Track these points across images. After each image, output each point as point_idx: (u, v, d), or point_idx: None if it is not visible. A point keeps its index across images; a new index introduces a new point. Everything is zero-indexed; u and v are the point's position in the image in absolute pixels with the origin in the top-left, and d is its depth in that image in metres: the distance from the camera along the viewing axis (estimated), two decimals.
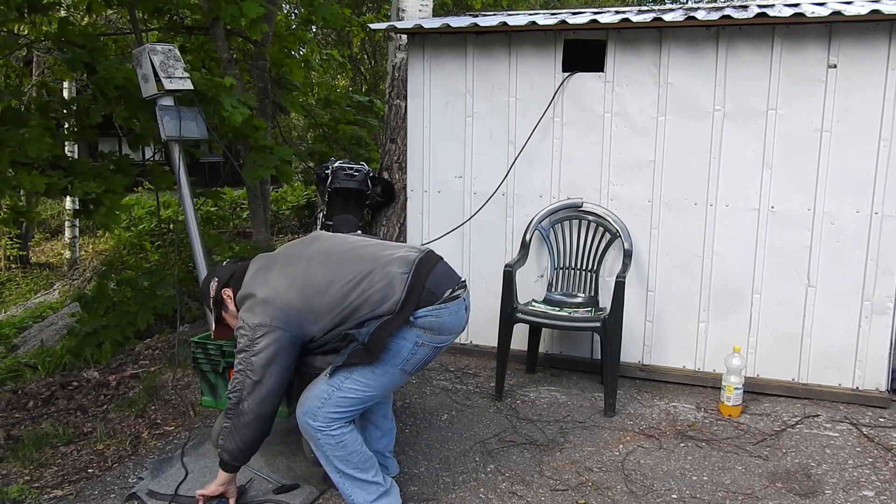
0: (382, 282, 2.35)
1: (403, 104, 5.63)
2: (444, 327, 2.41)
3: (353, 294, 2.36)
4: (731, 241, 3.78)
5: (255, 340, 2.34)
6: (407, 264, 2.40)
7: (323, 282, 2.38)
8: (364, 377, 2.37)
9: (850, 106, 3.51)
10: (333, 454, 2.42)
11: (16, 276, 11.29)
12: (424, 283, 2.37)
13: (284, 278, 2.42)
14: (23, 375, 4.84)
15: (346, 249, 2.50)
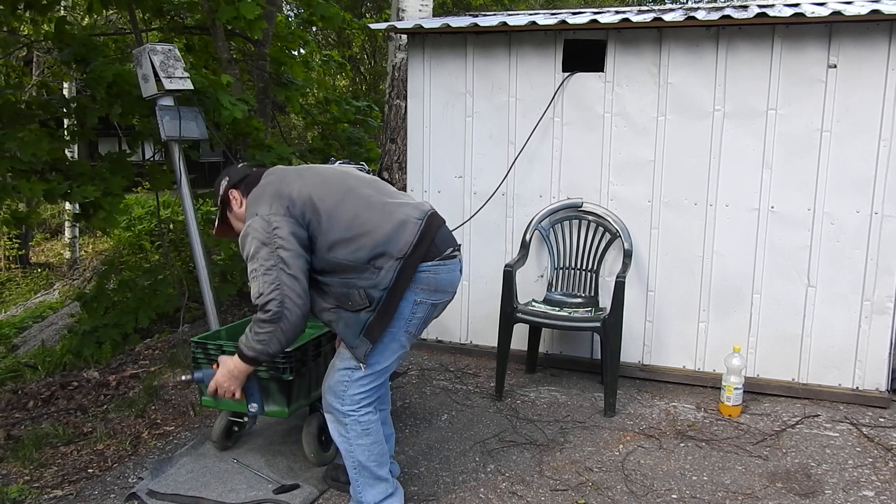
0: (398, 217, 2.32)
1: (403, 104, 5.64)
2: (441, 285, 2.39)
3: (367, 214, 2.31)
4: (731, 241, 3.78)
5: (273, 232, 2.23)
6: (422, 213, 2.38)
7: (339, 191, 2.35)
8: (376, 351, 2.36)
9: (850, 106, 3.51)
10: (358, 443, 2.40)
11: (16, 276, 11.29)
12: (434, 235, 2.36)
13: (300, 180, 2.37)
14: (23, 375, 4.84)
15: (364, 178, 2.49)
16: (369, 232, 2.29)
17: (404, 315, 2.35)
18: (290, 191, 2.32)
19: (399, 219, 2.33)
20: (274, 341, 2.24)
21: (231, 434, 3.11)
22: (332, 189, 2.36)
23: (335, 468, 2.83)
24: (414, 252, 2.30)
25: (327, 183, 2.38)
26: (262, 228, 2.24)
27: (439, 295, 2.42)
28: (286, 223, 2.25)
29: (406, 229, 2.31)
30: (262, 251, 2.22)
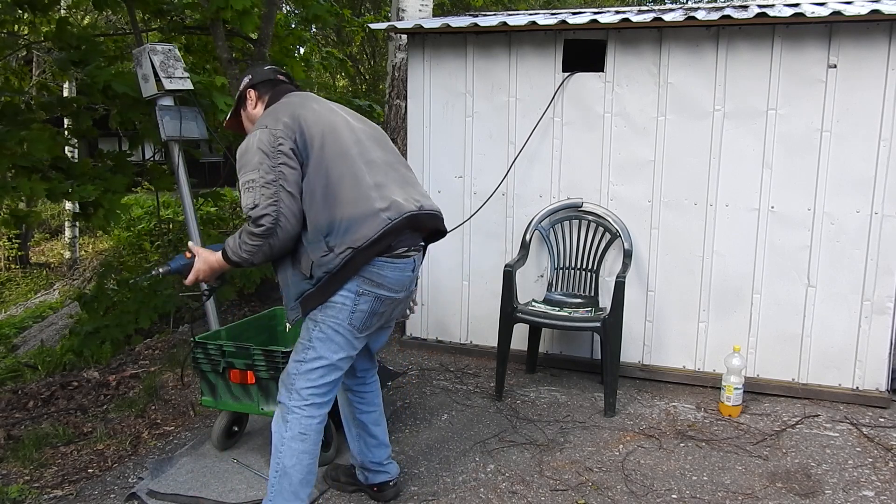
0: (373, 206, 2.26)
1: (403, 104, 5.63)
2: (385, 281, 2.31)
3: (349, 184, 2.26)
4: (731, 241, 3.78)
5: (278, 147, 2.22)
6: (399, 213, 2.30)
7: (343, 147, 2.31)
8: (321, 342, 2.30)
9: (850, 106, 3.51)
10: (291, 444, 2.31)
11: (16, 276, 11.29)
12: (395, 238, 2.29)
13: (317, 114, 2.34)
14: (23, 375, 4.84)
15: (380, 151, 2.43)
16: (338, 204, 2.24)
17: (347, 305, 2.29)
18: (303, 119, 2.29)
19: (372, 208, 2.26)
20: (260, 254, 2.25)
21: (231, 434, 3.11)
22: (340, 142, 2.32)
23: (335, 468, 2.84)
24: (369, 247, 2.24)
25: (339, 132, 2.34)
26: (267, 141, 2.23)
27: (384, 291, 2.33)
28: (290, 143, 2.24)
29: (371, 223, 2.25)
30: (265, 163, 2.20)
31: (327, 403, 2.38)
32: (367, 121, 2.56)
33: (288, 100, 2.43)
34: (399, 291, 2.39)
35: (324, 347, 2.32)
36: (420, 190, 2.49)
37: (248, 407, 2.85)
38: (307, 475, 2.35)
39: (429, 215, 2.43)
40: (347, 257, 2.23)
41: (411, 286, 2.46)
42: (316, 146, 2.27)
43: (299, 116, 2.30)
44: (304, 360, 2.34)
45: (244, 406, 2.85)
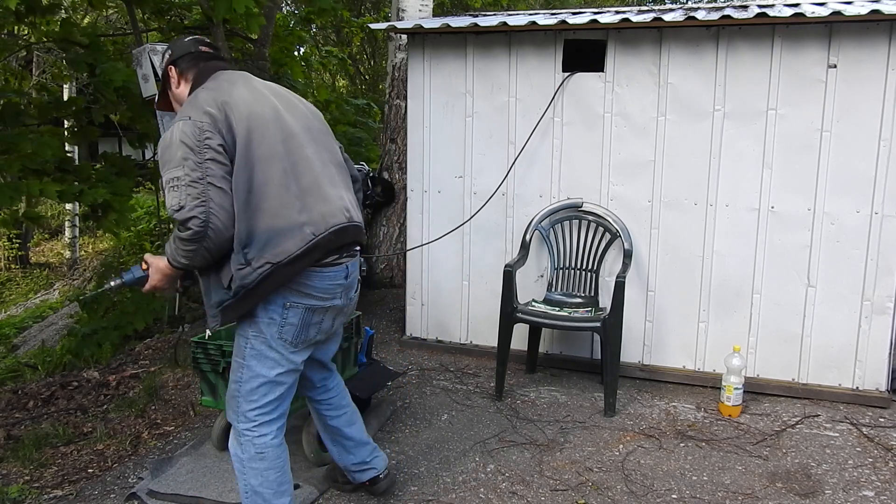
0: (297, 219, 2.12)
1: (403, 104, 5.63)
2: (313, 291, 2.19)
3: (274, 191, 2.10)
4: (731, 241, 3.78)
5: (205, 141, 2.03)
6: (325, 227, 2.17)
7: (273, 145, 2.14)
8: (254, 359, 2.19)
9: (850, 106, 3.50)
10: (251, 465, 2.22)
11: (16, 276, 11.29)
12: (321, 252, 2.17)
13: (247, 104, 2.15)
14: (23, 375, 4.84)
15: (316, 151, 2.27)
16: (260, 213, 2.09)
17: (275, 320, 2.16)
18: (230, 109, 2.11)
19: (295, 221, 2.12)
20: (198, 258, 2.09)
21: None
22: (267, 139, 2.14)
23: (333, 469, 2.83)
24: (290, 264, 2.10)
25: (267, 126, 2.16)
26: (192, 134, 2.04)
27: (314, 301, 2.20)
28: (218, 138, 2.07)
29: (293, 237, 2.11)
30: (191, 159, 2.01)
31: (279, 418, 2.27)
32: (301, 106, 2.37)
33: (215, 83, 2.21)
34: (332, 299, 2.26)
35: (259, 365, 2.20)
36: (350, 195, 2.36)
37: None
38: (279, 486, 2.27)
39: (356, 227, 2.31)
40: (266, 273, 2.09)
41: (350, 293, 2.35)
42: (241, 144, 2.09)
43: (226, 106, 2.11)
44: (241, 381, 2.21)
45: None
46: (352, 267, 2.33)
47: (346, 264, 2.29)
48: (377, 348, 4.47)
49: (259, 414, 2.22)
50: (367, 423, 3.31)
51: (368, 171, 5.61)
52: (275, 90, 2.35)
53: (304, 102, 2.43)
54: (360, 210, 2.41)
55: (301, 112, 2.35)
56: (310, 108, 2.43)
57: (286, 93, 2.40)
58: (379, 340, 4.65)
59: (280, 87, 2.43)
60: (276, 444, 2.25)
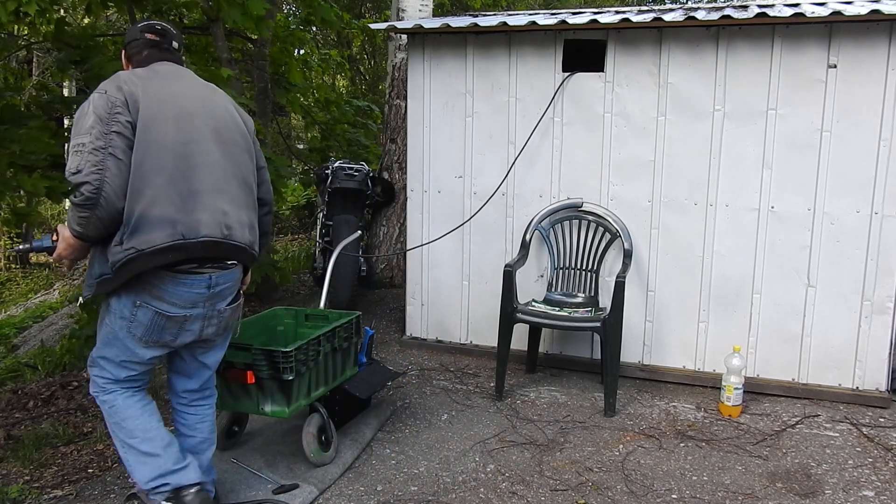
0: (171, 215, 2.17)
1: (403, 104, 5.64)
2: (166, 296, 2.21)
3: (159, 183, 2.16)
4: (731, 241, 3.78)
5: (114, 115, 2.13)
6: (194, 235, 2.20)
7: (174, 140, 2.21)
8: (106, 337, 2.29)
9: (850, 106, 3.51)
10: (111, 422, 2.34)
11: (16, 276, 11.29)
12: (183, 255, 2.19)
13: (156, 97, 2.22)
14: (23, 375, 4.83)
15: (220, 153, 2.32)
16: (141, 196, 2.14)
17: (125, 315, 2.23)
18: (145, 95, 2.20)
19: (170, 217, 2.16)
20: (91, 227, 2.14)
21: (231, 434, 3.11)
22: (169, 133, 2.21)
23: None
24: (152, 255, 2.14)
25: (175, 122, 2.23)
26: (103, 107, 2.13)
27: (166, 305, 2.22)
28: (128, 115, 2.15)
29: (163, 230, 2.16)
30: (97, 128, 2.11)
31: (127, 381, 2.35)
32: (228, 119, 2.41)
33: (148, 71, 2.31)
34: (190, 308, 2.27)
35: (106, 347, 2.31)
36: (245, 216, 2.37)
37: (247, 407, 2.84)
38: (144, 433, 2.33)
39: (233, 246, 2.30)
40: (130, 256, 2.13)
41: (218, 304, 2.34)
42: (141, 127, 2.17)
43: (140, 93, 2.19)
44: (96, 348, 2.35)
45: (244, 406, 2.85)
46: (218, 279, 2.31)
47: (210, 275, 2.29)
48: (377, 348, 4.47)
49: (106, 382, 2.34)
50: (367, 422, 3.32)
51: (368, 171, 5.61)
52: (207, 97, 2.39)
53: (237, 117, 2.46)
54: (253, 233, 2.41)
55: (224, 123, 2.39)
56: (238, 125, 2.45)
57: (221, 103, 2.43)
58: (379, 340, 4.65)
59: (223, 97, 2.47)
60: (123, 396, 2.35)
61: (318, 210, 5.81)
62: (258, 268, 5.18)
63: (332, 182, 5.40)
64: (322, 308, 3.45)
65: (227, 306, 2.38)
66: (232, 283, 2.38)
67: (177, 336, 2.31)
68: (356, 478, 2.91)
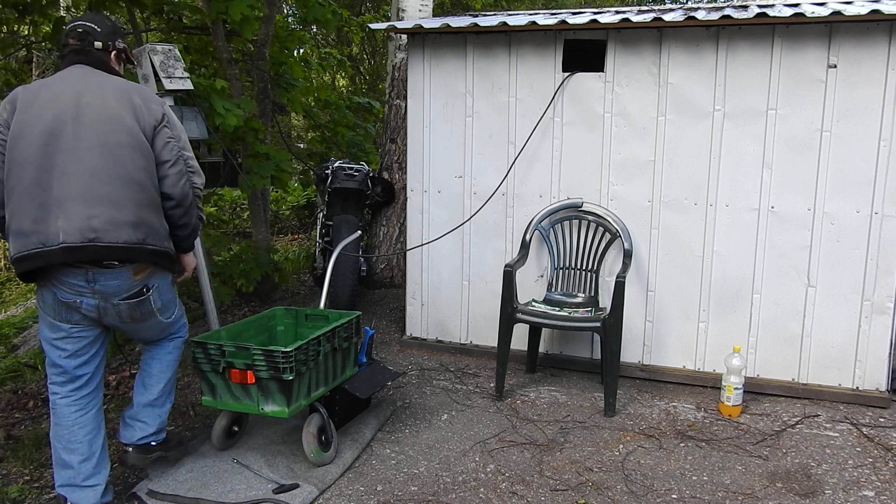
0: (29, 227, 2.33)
1: (403, 104, 5.64)
2: (57, 282, 2.40)
3: (16, 195, 2.35)
4: (731, 241, 3.78)
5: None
6: (51, 240, 2.32)
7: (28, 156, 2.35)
8: (40, 318, 2.52)
9: (850, 106, 3.51)
10: (52, 422, 2.56)
11: (16, 277, 11.28)
12: (43, 262, 2.35)
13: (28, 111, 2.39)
14: (23, 375, 4.83)
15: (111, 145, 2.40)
16: (8, 210, 2.39)
17: (36, 292, 2.51)
18: (22, 107, 2.37)
19: (24, 230, 2.35)
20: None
21: (231, 434, 3.11)
22: (34, 145, 2.35)
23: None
24: (17, 263, 2.37)
25: (41, 133, 2.35)
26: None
27: (59, 289, 2.42)
28: (4, 130, 2.39)
29: (17, 243, 2.36)
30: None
31: (69, 382, 2.54)
32: (120, 123, 2.44)
33: (49, 80, 2.48)
34: (79, 296, 2.42)
35: (42, 327, 2.54)
36: (125, 215, 2.40)
37: (247, 407, 2.85)
38: (67, 444, 2.52)
39: (103, 248, 2.37)
40: (11, 260, 2.40)
41: (111, 299, 2.46)
42: (9, 145, 2.37)
43: (19, 105, 2.38)
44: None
45: (244, 406, 2.85)
46: (98, 276, 2.41)
47: (88, 271, 2.39)
48: (377, 348, 4.47)
49: (49, 373, 2.55)
50: (367, 422, 3.32)
51: (368, 171, 5.61)
52: (93, 101, 2.43)
53: (126, 117, 2.46)
54: (139, 230, 2.44)
55: (107, 126, 2.42)
56: (126, 125, 2.45)
57: (111, 104, 2.45)
58: (379, 340, 4.65)
59: (117, 95, 2.48)
60: (62, 403, 2.54)
61: (318, 210, 5.81)
62: (258, 267, 5.18)
63: (332, 182, 5.40)
64: (322, 308, 3.45)
65: (121, 301, 2.49)
66: (120, 282, 2.45)
67: (83, 315, 2.47)
68: (356, 478, 2.91)
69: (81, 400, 2.56)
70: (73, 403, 2.54)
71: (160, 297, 2.61)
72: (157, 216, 2.51)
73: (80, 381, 2.57)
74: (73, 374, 2.54)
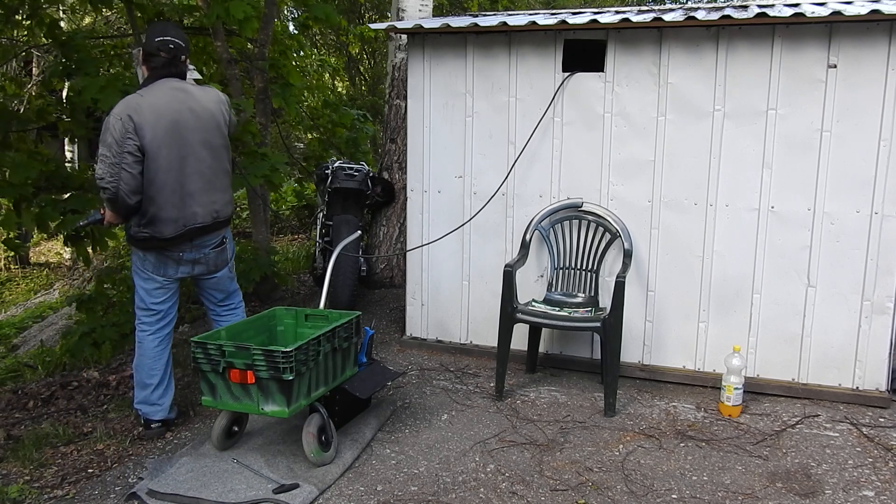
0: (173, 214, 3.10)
1: (403, 104, 5.64)
2: (148, 261, 3.19)
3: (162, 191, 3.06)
4: (731, 241, 3.78)
5: (126, 138, 2.98)
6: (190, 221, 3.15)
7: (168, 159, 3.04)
8: (134, 274, 3.26)
9: (850, 106, 3.51)
10: (135, 351, 3.28)
11: (16, 276, 11.29)
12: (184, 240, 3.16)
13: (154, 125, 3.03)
14: (23, 375, 4.84)
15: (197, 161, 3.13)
16: (153, 203, 3.05)
17: (139, 256, 3.20)
18: (144, 124, 2.97)
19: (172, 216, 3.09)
20: (119, 210, 3.08)
21: (231, 434, 3.11)
22: (169, 149, 3.03)
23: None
24: (164, 241, 3.14)
25: (169, 139, 3.03)
26: (119, 130, 2.94)
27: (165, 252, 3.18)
28: (136, 141, 2.96)
29: (170, 225, 3.10)
30: (114, 147, 2.94)
31: (156, 322, 3.28)
32: (214, 122, 3.17)
33: (154, 90, 3.05)
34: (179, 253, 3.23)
35: (138, 279, 3.31)
36: (227, 195, 3.26)
37: (247, 407, 2.85)
38: (149, 371, 3.25)
39: (222, 221, 3.27)
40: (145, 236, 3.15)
41: (205, 248, 3.25)
42: (150, 149, 2.99)
43: (144, 121, 2.96)
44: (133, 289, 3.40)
45: (244, 406, 2.85)
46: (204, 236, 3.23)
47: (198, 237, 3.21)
48: (377, 348, 4.47)
49: (141, 315, 3.26)
50: (367, 422, 3.32)
51: (368, 171, 5.61)
52: (197, 108, 3.12)
53: (217, 115, 3.22)
54: (229, 206, 3.31)
55: (209, 127, 3.16)
56: (217, 123, 3.21)
57: (208, 108, 3.17)
58: (379, 340, 4.65)
59: (207, 99, 3.19)
60: (148, 338, 3.25)
61: (318, 210, 5.81)
62: (257, 269, 5.19)
63: (332, 182, 5.40)
64: (322, 308, 3.45)
65: (211, 250, 3.27)
66: (213, 238, 3.28)
67: (177, 270, 3.22)
68: (356, 478, 2.91)
69: (164, 338, 3.28)
70: (156, 339, 3.24)
71: (230, 247, 3.40)
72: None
73: (167, 318, 3.30)
74: (168, 314, 3.28)
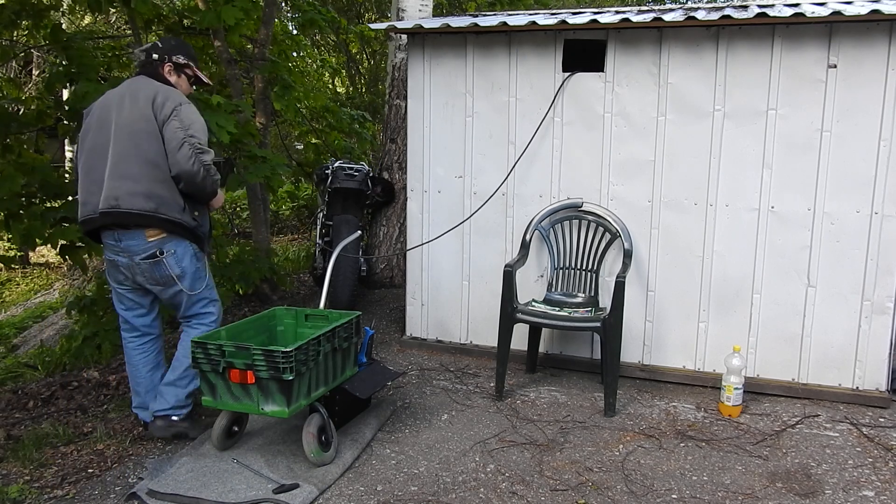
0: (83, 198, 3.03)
1: (403, 104, 5.64)
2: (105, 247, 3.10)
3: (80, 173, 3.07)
4: (731, 241, 3.78)
5: None
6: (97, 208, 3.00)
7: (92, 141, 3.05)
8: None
9: (850, 106, 3.51)
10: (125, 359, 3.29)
11: (16, 276, 11.29)
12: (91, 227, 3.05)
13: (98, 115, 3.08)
14: (23, 375, 4.84)
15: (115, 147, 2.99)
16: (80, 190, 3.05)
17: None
18: (91, 109, 3.10)
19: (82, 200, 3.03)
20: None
21: (231, 434, 3.11)
22: (93, 135, 3.03)
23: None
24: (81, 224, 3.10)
25: (94, 128, 3.03)
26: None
27: (107, 253, 3.08)
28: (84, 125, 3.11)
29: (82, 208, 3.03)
30: None
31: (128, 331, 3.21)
32: (141, 115, 2.97)
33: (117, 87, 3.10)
34: (114, 254, 3.05)
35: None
36: (141, 187, 2.92)
37: (248, 407, 2.84)
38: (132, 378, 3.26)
39: (122, 213, 2.93)
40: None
41: (134, 257, 2.99)
42: (80, 136, 3.07)
43: (90, 110, 3.07)
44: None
45: (244, 406, 2.85)
46: (123, 236, 2.97)
47: (115, 231, 2.97)
48: (377, 348, 4.47)
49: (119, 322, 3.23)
50: (367, 422, 3.32)
51: (368, 171, 5.61)
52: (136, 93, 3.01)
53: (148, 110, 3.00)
54: (151, 200, 2.94)
55: (132, 118, 2.98)
56: (147, 117, 2.98)
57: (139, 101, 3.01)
58: (379, 340, 4.65)
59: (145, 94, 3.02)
60: (130, 347, 3.21)
61: (318, 210, 5.81)
62: (256, 271, 5.19)
63: (332, 182, 5.40)
64: (322, 308, 3.45)
65: (141, 260, 2.99)
66: (137, 242, 2.96)
67: (119, 276, 3.09)
68: (356, 478, 2.91)
69: (143, 346, 3.18)
70: (136, 348, 3.17)
71: (177, 264, 3.02)
72: (170, 190, 2.96)
73: (138, 330, 3.19)
74: (132, 323, 3.18)
